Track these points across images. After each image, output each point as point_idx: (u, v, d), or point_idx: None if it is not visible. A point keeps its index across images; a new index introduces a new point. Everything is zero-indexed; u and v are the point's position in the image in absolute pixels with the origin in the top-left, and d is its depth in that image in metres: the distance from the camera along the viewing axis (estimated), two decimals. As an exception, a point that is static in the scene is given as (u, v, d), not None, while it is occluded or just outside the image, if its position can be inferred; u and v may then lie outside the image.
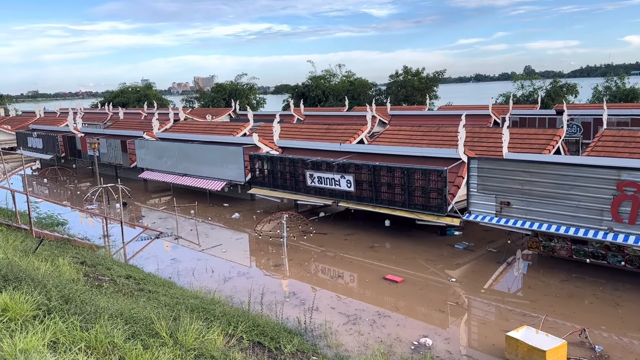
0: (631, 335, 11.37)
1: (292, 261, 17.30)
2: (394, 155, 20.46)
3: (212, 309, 10.74)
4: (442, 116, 39.23)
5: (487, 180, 16.13)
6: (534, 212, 15.19)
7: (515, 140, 20.89)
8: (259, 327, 10.04)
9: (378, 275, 15.64)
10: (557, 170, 14.69)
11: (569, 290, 13.99)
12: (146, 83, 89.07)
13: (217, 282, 15.17)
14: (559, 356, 9.92)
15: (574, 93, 56.60)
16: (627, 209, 13.29)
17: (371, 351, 10.75)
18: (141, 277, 13.82)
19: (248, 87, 73.40)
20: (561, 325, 11.83)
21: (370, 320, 12.54)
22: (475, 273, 15.75)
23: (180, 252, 18.63)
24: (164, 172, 29.20)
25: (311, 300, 13.59)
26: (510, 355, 10.39)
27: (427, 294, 14.11)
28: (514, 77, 65.22)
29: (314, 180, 21.25)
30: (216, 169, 26.07)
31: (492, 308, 13.35)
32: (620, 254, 14.30)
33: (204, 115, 51.48)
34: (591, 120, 32.50)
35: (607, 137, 18.79)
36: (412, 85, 64.62)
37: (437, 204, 17.62)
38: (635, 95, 51.09)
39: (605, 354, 10.47)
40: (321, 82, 69.87)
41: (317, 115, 46.44)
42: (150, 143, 30.86)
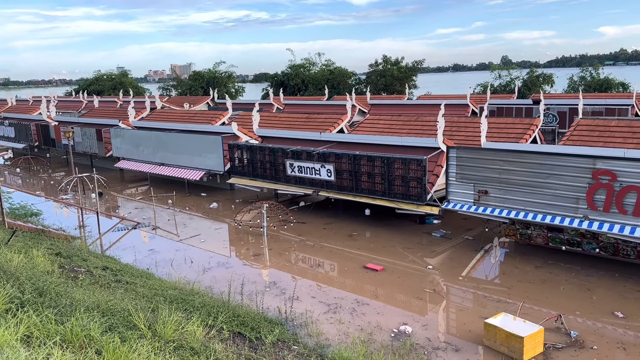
0: (603, 320, 11.62)
1: (272, 251, 17.24)
2: (374, 144, 20.47)
3: (192, 299, 10.63)
4: (421, 106, 39.36)
5: (465, 169, 16.25)
6: (511, 200, 15.37)
7: (493, 129, 21.08)
8: (240, 317, 9.96)
9: (357, 263, 15.69)
10: (533, 159, 14.86)
11: (543, 276, 14.24)
12: (122, 70, 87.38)
13: (196, 273, 15.04)
14: (536, 342, 10.08)
15: (550, 83, 57.38)
16: (602, 197, 13.53)
17: (352, 339, 10.79)
18: (118, 268, 13.62)
19: (226, 75, 72.57)
20: (537, 312, 12.03)
21: (350, 308, 12.58)
22: (453, 261, 15.91)
23: (158, 243, 18.40)
24: (141, 161, 28.77)
25: (292, 289, 13.57)
26: (489, 342, 10.53)
27: (406, 282, 14.20)
28: (491, 67, 65.75)
29: (294, 169, 21.16)
30: (194, 159, 25.77)
31: (469, 295, 13.51)
32: (595, 241, 14.58)
33: (181, 103, 50.80)
34: (567, 110, 32.99)
35: (583, 126, 19.07)
36: (392, 74, 64.68)
37: (417, 192, 17.71)
38: (609, 86, 52.03)
39: (580, 339, 10.69)
40: (301, 70, 69.45)
41: (297, 104, 46.20)
42: (127, 132, 30.34)
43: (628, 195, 13.09)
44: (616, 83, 52.49)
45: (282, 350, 9.09)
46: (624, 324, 11.42)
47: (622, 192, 13.16)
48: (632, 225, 13.13)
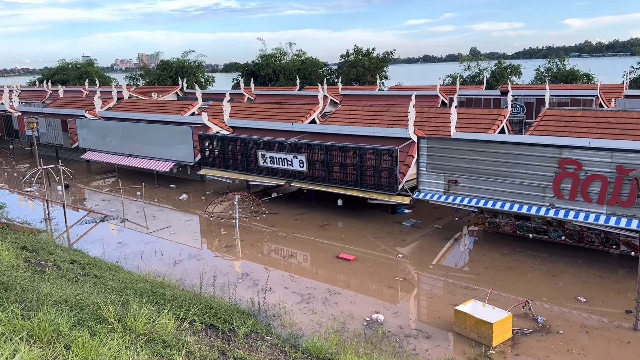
0: (568, 305, 11.97)
1: (244, 242, 17.15)
2: (346, 135, 20.51)
3: (163, 292, 10.51)
4: (392, 96, 39.59)
5: (436, 159, 16.43)
6: (480, 189, 15.64)
7: (463, 120, 21.34)
8: (212, 309, 9.91)
9: (330, 254, 15.75)
10: (501, 149, 15.13)
11: (510, 263, 14.56)
12: (87, 59, 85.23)
13: (167, 266, 14.86)
14: (505, 328, 10.32)
15: (517, 74, 58.47)
16: (568, 185, 13.88)
17: (325, 329, 10.84)
18: (86, 261, 13.35)
19: (196, 65, 71.51)
20: (505, 298, 12.31)
21: (323, 298, 12.63)
22: (423, 249, 16.13)
23: (127, 235, 18.09)
24: (108, 152, 28.18)
25: (264, 280, 13.54)
26: (459, 329, 10.72)
27: (377, 271, 14.33)
28: (460, 59, 66.54)
29: (266, 160, 21.04)
30: (164, 149, 25.37)
31: (439, 283, 13.73)
32: (561, 229, 14.98)
33: (149, 93, 49.84)
34: (534, 101, 33.68)
35: (549, 116, 19.48)
36: (363, 65, 64.83)
37: (389, 183, 17.85)
38: (575, 77, 53.31)
39: (547, 324, 10.99)
40: (272, 60, 68.92)
41: (268, 95, 45.91)
42: (93, 122, 29.63)
43: (593, 183, 13.46)
44: (581, 74, 53.81)
45: (256, 341, 9.08)
46: (586, 309, 11.79)
47: (587, 180, 13.52)
48: (596, 213, 13.52)
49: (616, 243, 14.24)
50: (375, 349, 9.87)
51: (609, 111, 19.36)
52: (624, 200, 13.02)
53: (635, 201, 12.83)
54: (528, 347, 10.18)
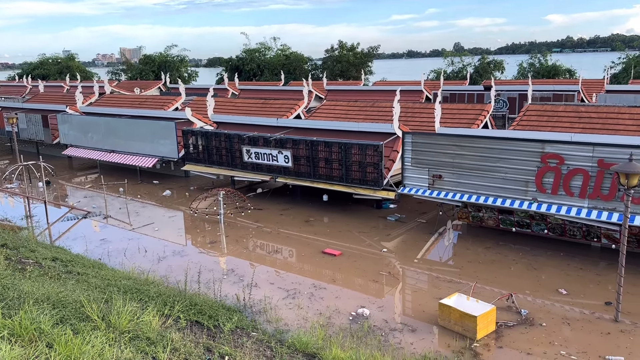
0: (550, 297, 12.13)
1: (229, 238, 17.08)
2: (331, 130, 20.49)
3: (147, 289, 10.42)
4: (377, 91, 39.61)
5: (420, 154, 16.50)
6: (464, 184, 15.75)
7: (447, 115, 21.45)
8: (197, 306, 9.85)
9: (315, 249, 15.75)
10: (485, 144, 15.24)
11: (493, 257, 14.71)
12: (68, 54, 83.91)
13: (151, 262, 14.73)
14: (489, 321, 10.43)
15: (500, 69, 58.90)
16: (550, 180, 14.04)
17: (311, 324, 10.85)
18: (69, 259, 13.19)
19: (179, 60, 70.79)
20: (489, 291, 12.43)
21: (308, 293, 12.63)
22: (408, 244, 16.21)
23: (110, 232, 17.90)
24: (90, 148, 27.82)
25: (250, 276, 13.50)
26: (444, 322, 10.81)
27: (363, 266, 14.37)
28: (444, 54, 66.82)
29: (250, 155, 20.94)
30: (147, 145, 25.11)
31: (424, 277, 13.82)
32: (543, 222, 15.15)
33: (131, 88, 49.30)
34: (516, 96, 33.93)
35: (532, 111, 19.67)
36: (348, 60, 64.79)
37: (374, 178, 17.88)
38: (557, 72, 53.87)
39: (530, 317, 11.12)
40: (256, 55, 68.52)
41: (253, 90, 45.64)
42: (74, 118, 29.21)
43: (575, 177, 13.63)
44: (563, 69, 54.40)
45: (241, 337, 9.05)
46: (568, 301, 11.95)
47: (569, 174, 13.69)
48: (578, 207, 13.70)
49: (597, 236, 14.45)
50: (361, 343, 9.91)
51: (590, 106, 19.61)
52: (605, 193, 13.21)
53: (616, 195, 13.03)
54: (511, 339, 10.30)
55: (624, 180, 10.25)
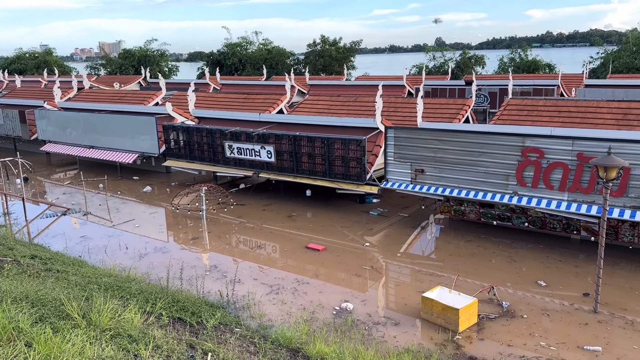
0: (530, 289, 12.29)
1: (212, 234, 16.96)
2: (314, 125, 20.45)
3: (128, 286, 10.31)
4: (359, 86, 39.65)
5: (403, 148, 16.56)
6: (446, 178, 15.86)
7: (429, 110, 21.56)
8: (179, 302, 9.77)
9: (298, 244, 15.73)
10: (466, 139, 15.35)
11: (475, 250, 14.86)
12: (46, 48, 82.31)
13: (132, 259, 14.57)
14: (471, 313, 10.53)
15: (481, 64, 59.40)
16: (531, 173, 14.21)
17: (294, 319, 10.85)
18: (48, 256, 12.99)
19: (159, 54, 69.96)
20: (471, 284, 12.55)
21: (292, 288, 12.62)
22: (391, 238, 16.28)
23: (90, 229, 17.65)
24: (69, 144, 27.37)
25: (233, 272, 13.43)
26: (426, 315, 10.89)
27: (346, 260, 14.40)
28: (426, 49, 67.12)
29: (233, 151, 20.81)
30: (127, 141, 24.79)
31: (407, 270, 13.90)
32: (524, 215, 15.34)
33: (111, 83, 48.62)
34: (497, 91, 34.26)
35: (512, 106, 19.87)
36: (330, 55, 64.71)
37: (357, 172, 17.90)
38: (537, 67, 54.50)
39: (512, 309, 11.26)
40: (238, 49, 68.04)
41: (235, 85, 45.31)
42: (52, 113, 28.70)
43: (554, 171, 13.81)
44: (543, 64, 55.05)
45: (225, 334, 9.00)
46: (547, 293, 12.12)
47: (549, 168, 13.86)
48: (558, 200, 13.90)
49: (577, 229, 14.68)
50: (345, 338, 9.94)
51: (569, 100, 19.87)
52: (585, 187, 13.42)
53: (595, 188, 13.24)
54: (493, 331, 10.42)
55: (603, 174, 10.42)
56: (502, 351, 9.68)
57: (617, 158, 10.41)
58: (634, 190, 12.77)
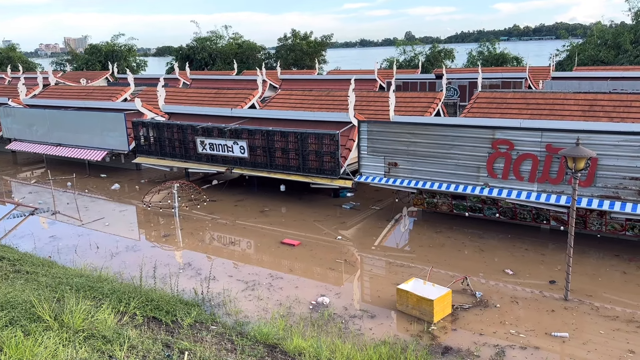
0: (502, 279, 12.52)
1: (184, 231, 16.77)
2: (287, 119, 20.37)
3: (100, 286, 10.12)
4: (331, 80, 39.67)
5: (376, 142, 16.65)
6: (419, 171, 16.01)
7: (400, 103, 21.72)
8: (153, 301, 9.65)
9: (271, 239, 15.69)
10: (437, 132, 15.52)
11: (445, 241, 15.06)
12: (9, 44, 79.86)
13: (103, 259, 14.30)
14: (445, 304, 10.68)
15: (451, 58, 60.07)
16: (501, 165, 14.46)
17: (271, 314, 10.82)
18: (16, 257, 12.65)
19: (126, 49, 68.60)
20: (444, 275, 12.73)
21: (267, 284, 12.58)
22: (365, 231, 16.37)
23: (60, 229, 17.25)
24: (35, 142, 26.65)
25: (207, 269, 13.31)
26: (402, 307, 11.00)
27: (320, 255, 14.42)
28: (396, 43, 67.55)
29: (205, 147, 20.58)
30: (95, 138, 24.26)
31: (382, 263, 14.00)
32: (494, 206, 15.61)
33: (77, 79, 47.47)
34: (467, 84, 34.74)
35: (482, 99, 20.16)
36: (301, 49, 64.54)
37: (331, 167, 17.92)
38: (505, 60, 55.43)
39: (485, 299, 11.47)
40: (207, 44, 67.23)
41: (205, 79, 44.78)
42: (17, 111, 27.88)
43: (524, 162, 14.08)
44: (511, 57, 56.00)
45: (201, 332, 8.93)
46: (519, 282, 12.38)
47: (519, 160, 14.13)
48: (528, 191, 14.18)
49: (547, 219, 15.02)
50: (322, 332, 9.97)
51: (537, 93, 20.27)
52: (554, 177, 13.73)
53: (564, 178, 13.55)
54: (467, 321, 10.59)
55: (572, 164, 10.66)
56: (476, 340, 9.85)
57: (585, 149, 10.67)
58: (601, 180, 13.12)
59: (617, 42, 48.88)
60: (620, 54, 48.33)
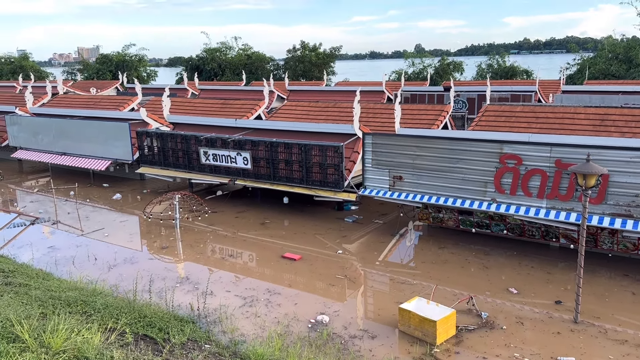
0: (509, 298, 12.05)
1: (184, 243, 16.47)
2: (291, 131, 20.10)
3: (93, 301, 9.79)
4: (339, 92, 39.46)
5: (381, 155, 16.30)
6: (424, 185, 15.62)
7: (407, 115, 21.39)
8: (146, 317, 9.30)
9: (272, 252, 15.34)
10: (444, 145, 15.14)
11: (450, 258, 14.59)
12: (22, 53, 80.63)
13: (100, 270, 14.02)
14: (449, 325, 10.25)
15: (460, 70, 59.70)
16: (509, 180, 14.04)
17: (268, 333, 10.45)
18: (12, 268, 12.37)
19: (137, 59, 68.97)
20: (449, 293, 12.29)
21: (266, 300, 12.22)
22: (368, 246, 15.95)
23: (59, 239, 17.03)
24: (41, 151, 26.59)
25: (205, 283, 12.98)
26: (404, 327, 10.58)
27: (322, 270, 14.03)
28: (405, 55, 67.35)
29: (208, 157, 20.34)
30: (99, 147, 24.13)
31: (385, 279, 13.59)
32: (502, 223, 15.17)
33: (87, 88, 47.67)
34: (475, 97, 34.32)
35: (490, 112, 19.78)
36: (310, 60, 64.51)
37: (334, 179, 17.59)
38: (515, 73, 54.93)
39: (491, 320, 11.01)
40: (217, 55, 67.43)
41: (213, 90, 44.76)
42: (24, 119, 27.88)
43: (533, 178, 13.66)
44: (520, 70, 55.50)
45: (193, 351, 8.57)
46: (529, 302, 11.89)
47: (527, 175, 13.71)
48: (536, 207, 13.74)
49: (556, 236, 14.55)
50: (320, 353, 9.58)
51: (547, 106, 19.85)
52: (563, 194, 13.28)
53: (574, 195, 13.11)
54: (471, 343, 10.15)
55: (582, 181, 10.25)
56: (480, 364, 9.41)
57: (596, 165, 10.27)
58: (613, 197, 12.67)
59: (629, 56, 48.26)
60: (632, 68, 47.70)
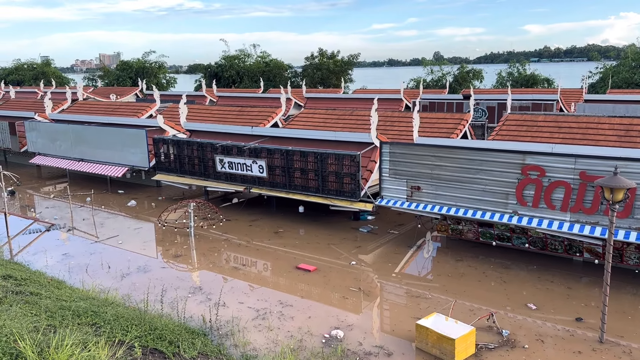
0: (531, 314, 11.59)
1: (198, 251, 16.29)
2: (308, 139, 19.87)
3: (103, 312, 9.61)
4: (356, 100, 39.19)
5: (398, 164, 15.97)
6: (443, 196, 15.23)
7: (425, 124, 21.03)
8: (157, 330, 9.07)
9: (285, 262, 15.07)
10: (464, 155, 14.75)
11: (469, 271, 14.20)
12: (44, 59, 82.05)
13: (113, 279, 13.89)
14: (468, 343, 9.85)
15: (479, 78, 59.01)
16: (531, 192, 13.59)
17: (280, 348, 10.16)
18: (24, 276, 12.26)
19: (157, 66, 69.62)
20: (468, 307, 11.87)
21: (279, 312, 11.93)
22: (384, 257, 15.58)
23: (73, 245, 16.98)
24: (59, 156, 26.76)
25: (218, 294, 12.75)
26: (421, 344, 10.21)
27: (334, 281, 13.70)
28: (424, 63, 66.91)
29: (224, 165, 20.20)
30: (116, 154, 24.18)
31: (402, 292, 13.20)
32: (524, 236, 14.69)
33: (107, 94, 48.12)
34: (496, 105, 33.75)
35: (511, 121, 19.32)
36: (328, 68, 64.42)
37: (351, 189, 17.29)
38: (535, 81, 54.10)
39: (512, 338, 10.57)
40: (235, 62, 67.76)
41: (231, 97, 44.86)
42: (42, 125, 28.12)
43: (556, 190, 13.19)
44: (541, 79, 54.65)
45: (202, 366, 8.33)
46: (553, 319, 11.42)
47: (551, 187, 13.25)
48: (560, 220, 13.26)
49: (580, 250, 14.03)
50: (333, 370, 9.26)
51: (570, 116, 19.32)
52: (588, 207, 12.80)
53: (599, 208, 12.62)
54: (492, 363, 9.74)
55: (609, 195, 9.81)
56: (501, 386, 8.99)
57: (624, 178, 9.81)
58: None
59: (653, 64, 47.26)
60: (657, 76, 46.66)
